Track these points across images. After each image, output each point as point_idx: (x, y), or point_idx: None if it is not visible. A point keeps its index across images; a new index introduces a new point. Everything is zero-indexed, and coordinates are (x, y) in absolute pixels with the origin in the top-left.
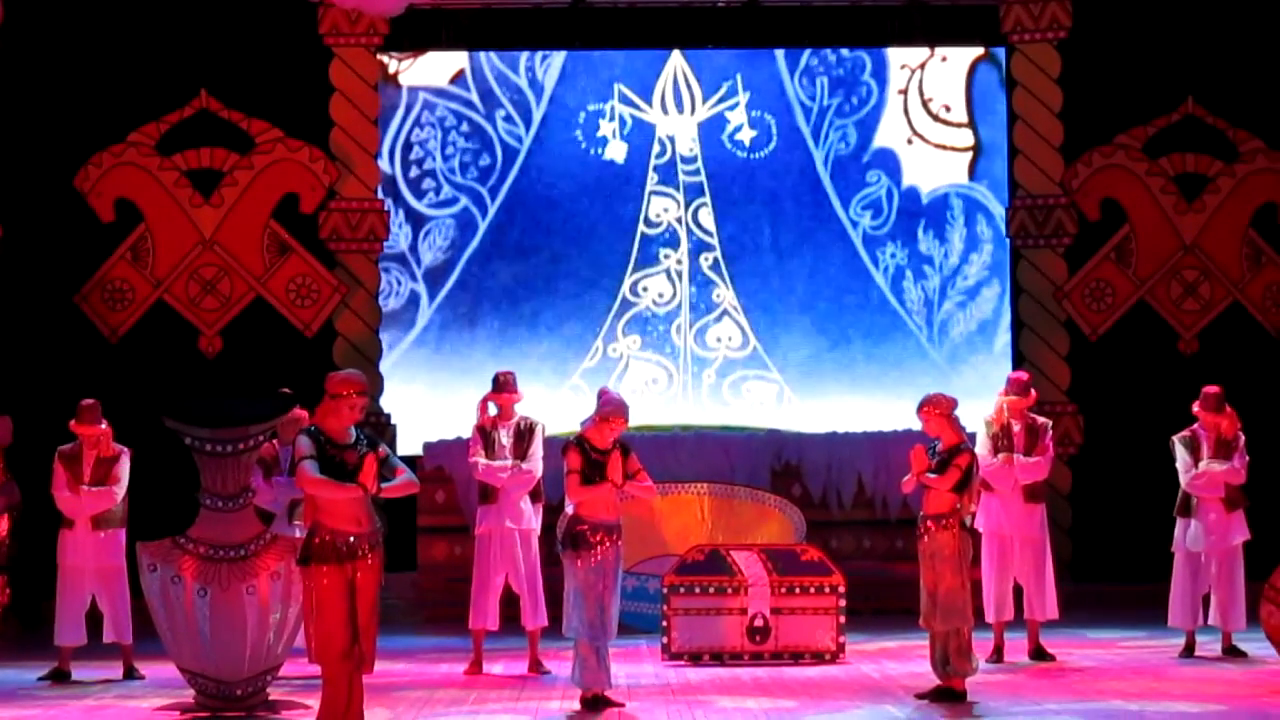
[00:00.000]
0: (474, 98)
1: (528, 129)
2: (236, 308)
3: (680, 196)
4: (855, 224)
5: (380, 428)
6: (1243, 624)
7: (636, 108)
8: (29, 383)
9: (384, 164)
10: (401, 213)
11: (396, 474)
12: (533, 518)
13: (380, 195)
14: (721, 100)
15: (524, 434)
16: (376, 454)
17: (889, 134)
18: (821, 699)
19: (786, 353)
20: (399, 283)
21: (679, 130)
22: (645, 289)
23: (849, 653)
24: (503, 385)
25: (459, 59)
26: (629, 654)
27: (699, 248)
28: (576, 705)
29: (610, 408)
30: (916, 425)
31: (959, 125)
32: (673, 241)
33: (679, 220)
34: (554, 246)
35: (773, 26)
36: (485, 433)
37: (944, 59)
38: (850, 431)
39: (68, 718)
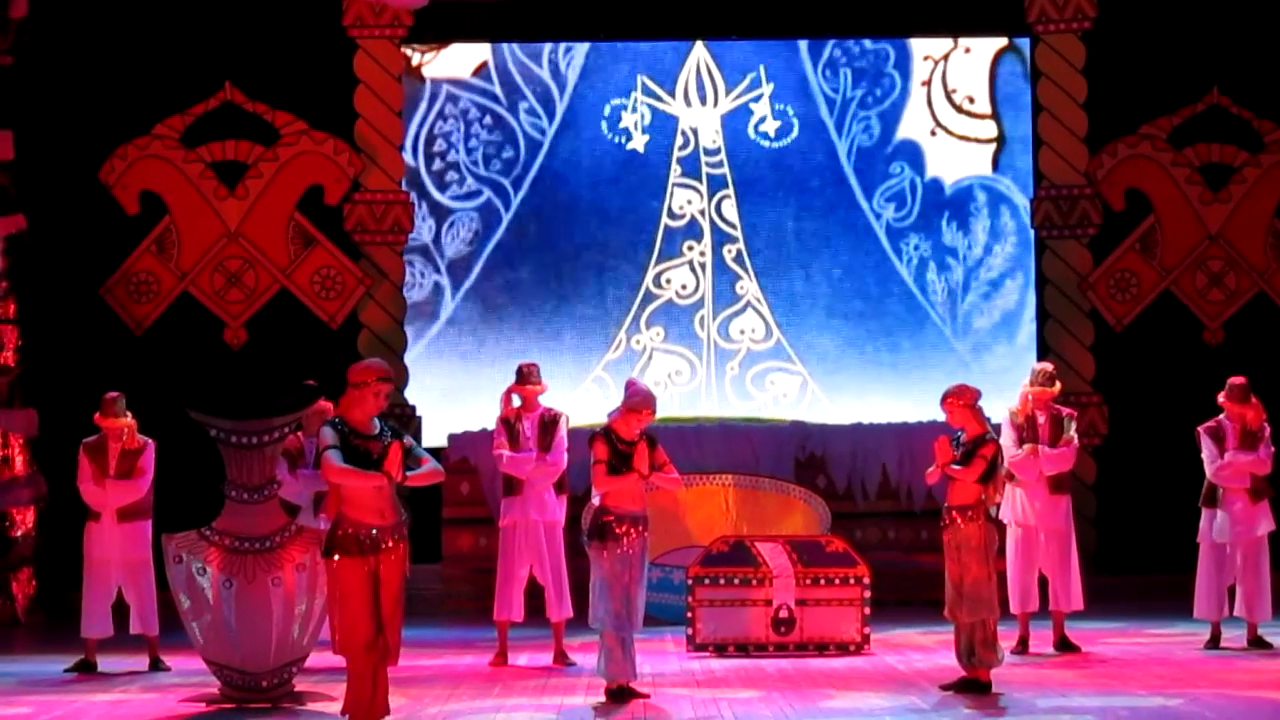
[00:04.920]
0: (497, 90)
1: (551, 121)
2: (261, 300)
3: (704, 188)
4: (879, 216)
5: (405, 419)
6: (1268, 615)
7: (660, 100)
8: (54, 375)
9: (407, 157)
10: (425, 205)
11: (421, 463)
12: (557, 509)
13: (404, 187)
14: (745, 92)
15: (548, 425)
16: (402, 443)
17: (912, 125)
18: (846, 690)
19: (810, 345)
20: (423, 275)
21: (702, 122)
22: (669, 281)
23: (874, 644)
24: (526, 377)
25: (482, 51)
26: (654, 645)
27: (722, 240)
28: (602, 696)
29: (638, 399)
30: (941, 416)
31: (982, 117)
32: (696, 233)
33: (702, 212)
34: (577, 239)
35: (796, 17)
36: (509, 424)
37: (967, 50)
38: (875, 423)
39: (94, 709)
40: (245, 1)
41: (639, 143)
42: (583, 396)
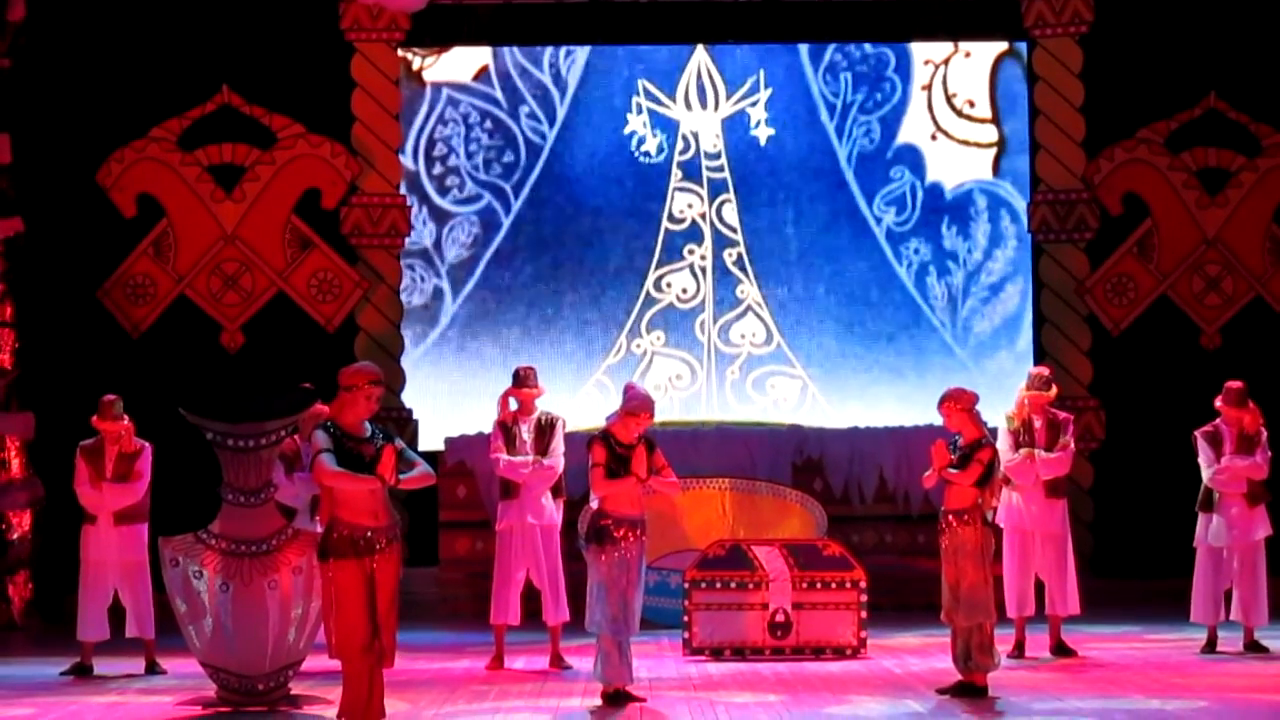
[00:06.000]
0: (498, 94)
1: (551, 125)
2: (258, 303)
3: (704, 192)
4: (879, 220)
5: (402, 423)
6: (1265, 619)
7: (660, 104)
8: (51, 378)
9: (408, 161)
10: (425, 209)
11: (413, 466)
12: (554, 513)
13: (403, 191)
14: (745, 96)
15: (545, 429)
16: (393, 446)
17: (913, 130)
18: (843, 694)
19: (810, 349)
20: (423, 279)
21: (703, 126)
22: (669, 285)
23: (870, 648)
24: (523, 380)
25: (482, 55)
26: (650, 649)
27: (723, 244)
28: (598, 700)
29: (636, 402)
30: (939, 420)
31: (983, 121)
32: (696, 237)
33: (703, 216)
34: (578, 243)
35: (796, 21)
36: (506, 428)
37: (968, 55)
38: (872, 426)
39: (90, 712)
40: (243, 5)
41: (640, 147)
42: (583, 400)
